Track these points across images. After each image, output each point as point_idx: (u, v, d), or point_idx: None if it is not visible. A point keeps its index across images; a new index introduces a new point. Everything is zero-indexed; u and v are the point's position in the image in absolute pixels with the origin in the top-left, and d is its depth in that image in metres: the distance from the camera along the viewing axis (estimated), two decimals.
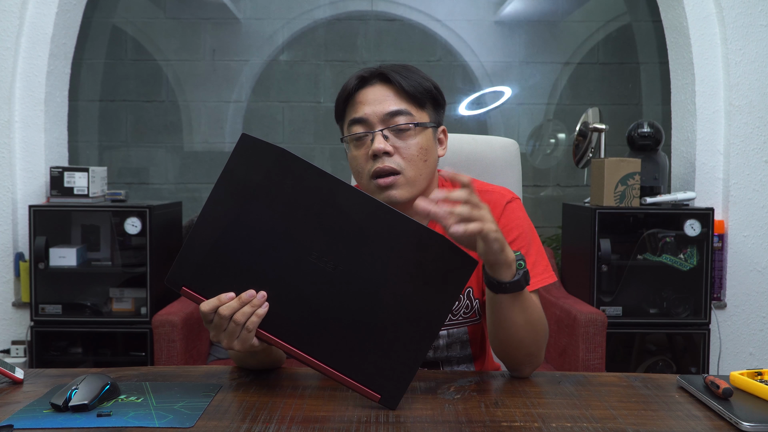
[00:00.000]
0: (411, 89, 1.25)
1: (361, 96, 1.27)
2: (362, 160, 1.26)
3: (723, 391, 1.00)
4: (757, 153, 3.03)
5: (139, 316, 2.86)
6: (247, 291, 0.99)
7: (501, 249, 1.03)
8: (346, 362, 1.00)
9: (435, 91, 1.30)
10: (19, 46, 2.98)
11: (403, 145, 1.24)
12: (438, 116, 1.32)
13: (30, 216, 2.81)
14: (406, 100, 1.26)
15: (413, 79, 1.26)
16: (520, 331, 1.14)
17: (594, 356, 2.48)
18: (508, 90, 3.63)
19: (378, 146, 1.22)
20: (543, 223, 3.57)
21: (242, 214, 0.99)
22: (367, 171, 1.25)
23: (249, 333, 1.00)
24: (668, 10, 3.18)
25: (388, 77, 1.26)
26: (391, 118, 1.24)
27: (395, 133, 1.24)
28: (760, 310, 3.06)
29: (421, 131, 1.26)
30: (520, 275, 1.08)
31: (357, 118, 1.26)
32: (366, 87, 1.27)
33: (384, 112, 1.24)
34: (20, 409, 0.98)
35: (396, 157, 1.24)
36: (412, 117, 1.25)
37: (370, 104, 1.25)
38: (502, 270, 1.07)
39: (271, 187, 0.99)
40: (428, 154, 1.27)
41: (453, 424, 0.94)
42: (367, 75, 1.28)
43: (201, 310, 1.01)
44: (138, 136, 3.55)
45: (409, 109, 1.25)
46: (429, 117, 1.29)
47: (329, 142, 3.56)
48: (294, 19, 3.57)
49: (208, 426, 0.93)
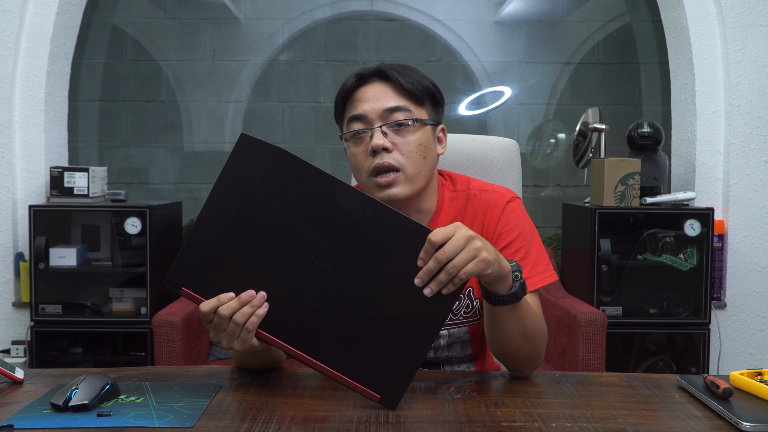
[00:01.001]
0: (409, 86, 1.26)
1: (359, 94, 1.27)
2: (361, 157, 1.25)
3: (723, 391, 1.00)
4: (757, 153, 3.03)
5: (139, 316, 2.86)
6: (247, 291, 0.99)
7: (494, 273, 1.01)
8: (346, 362, 1.00)
9: (433, 89, 1.30)
10: (19, 46, 2.98)
11: (402, 141, 1.24)
12: (437, 115, 1.33)
13: (30, 216, 2.81)
14: (405, 97, 1.26)
15: (411, 77, 1.27)
16: (517, 339, 1.14)
17: (594, 356, 2.48)
18: (508, 90, 3.63)
19: (377, 142, 1.22)
20: (543, 223, 3.57)
21: (242, 214, 0.99)
22: (366, 168, 1.25)
23: (249, 333, 1.00)
24: (668, 10, 3.18)
25: (387, 75, 1.26)
26: (390, 114, 1.25)
27: (394, 130, 1.25)
28: (760, 310, 3.06)
29: (420, 127, 1.26)
30: (517, 287, 1.07)
31: (356, 115, 1.26)
32: (365, 85, 1.28)
33: (383, 108, 1.24)
34: (20, 409, 0.98)
35: (395, 153, 1.24)
36: (411, 113, 1.26)
37: (369, 101, 1.25)
38: (498, 284, 1.05)
39: (270, 187, 0.99)
40: (427, 150, 1.27)
41: (453, 424, 0.94)
42: (366, 73, 1.28)
43: (201, 311, 1.01)
44: (138, 136, 3.55)
45: (407, 105, 1.26)
46: (428, 114, 1.29)
47: (329, 142, 3.56)
48: (294, 19, 3.57)
49: (208, 426, 0.93)
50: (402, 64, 1.30)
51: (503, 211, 1.31)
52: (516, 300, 1.08)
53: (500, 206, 1.31)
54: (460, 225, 0.99)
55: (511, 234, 1.29)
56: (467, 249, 0.97)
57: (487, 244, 1.00)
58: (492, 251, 1.00)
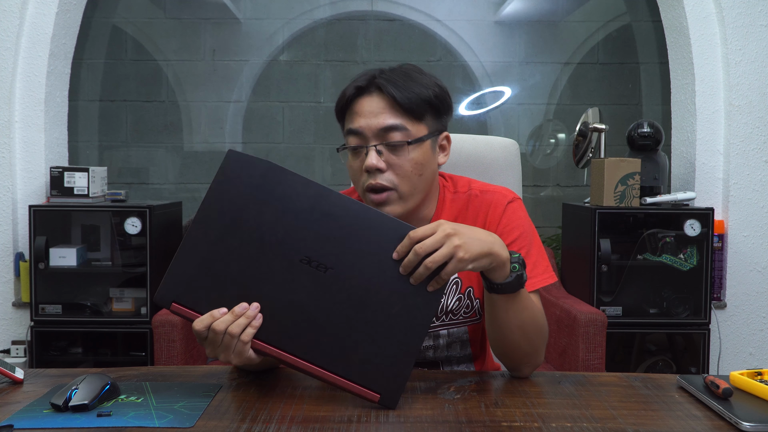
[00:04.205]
0: (407, 102, 1.20)
1: (357, 106, 1.23)
2: (357, 171, 1.24)
3: (723, 391, 1.00)
4: (757, 153, 3.03)
5: (139, 316, 2.86)
6: (240, 305, 1.00)
7: (481, 267, 1.04)
8: (343, 364, 1.01)
9: (435, 100, 1.24)
10: (19, 46, 2.98)
11: (397, 161, 1.21)
12: (440, 123, 1.28)
13: (30, 216, 2.81)
14: (402, 114, 1.21)
15: (411, 89, 1.21)
16: (515, 332, 1.14)
17: (594, 356, 2.48)
18: (508, 90, 3.63)
19: (371, 162, 1.20)
20: (543, 223, 3.57)
21: (232, 225, 1.01)
22: (361, 183, 1.24)
23: (245, 345, 1.00)
24: (668, 10, 3.18)
25: (384, 89, 1.21)
26: (386, 133, 1.20)
27: (389, 149, 1.21)
28: (760, 310, 3.06)
29: (416, 146, 1.22)
30: (512, 277, 1.08)
31: (352, 130, 1.23)
32: (363, 96, 1.23)
33: (378, 127, 1.20)
34: (20, 409, 0.98)
35: (389, 173, 1.21)
36: (407, 132, 1.21)
37: (366, 117, 1.21)
38: (495, 272, 1.07)
39: (258, 198, 1.01)
40: (424, 168, 1.24)
41: (453, 424, 0.94)
42: (364, 85, 1.23)
43: (194, 329, 1.01)
44: (138, 136, 3.55)
45: (404, 123, 1.21)
46: (428, 128, 1.24)
47: (329, 142, 3.56)
48: (294, 19, 3.57)
49: (208, 426, 0.93)
50: (404, 71, 1.24)
51: (504, 212, 1.31)
52: (512, 290, 1.09)
53: (501, 207, 1.31)
54: (443, 222, 1.02)
55: (512, 235, 1.29)
56: (446, 245, 1.00)
57: (474, 238, 1.03)
58: (476, 247, 1.02)
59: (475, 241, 1.03)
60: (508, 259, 1.07)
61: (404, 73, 1.24)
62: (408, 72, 1.24)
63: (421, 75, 1.25)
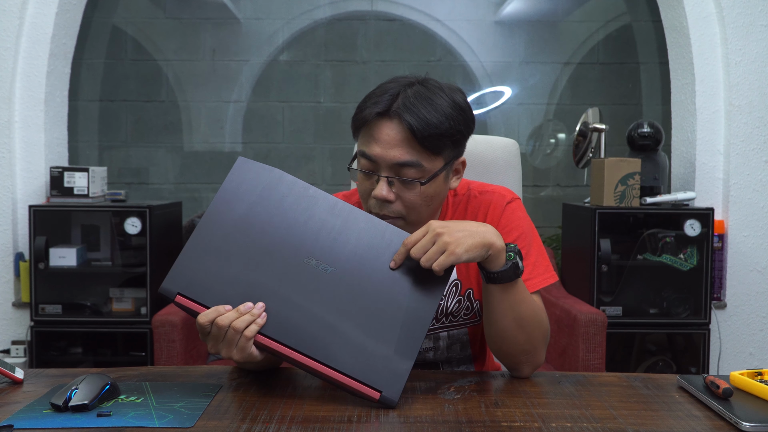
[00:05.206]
0: (425, 136, 1.14)
1: (375, 130, 1.18)
2: (366, 192, 1.22)
3: (723, 391, 1.00)
4: (757, 153, 3.03)
5: (139, 316, 2.86)
6: (245, 304, 1.02)
7: (473, 258, 1.06)
8: (343, 361, 1.01)
9: (456, 131, 1.18)
10: (19, 46, 2.98)
11: (407, 195, 1.19)
12: (458, 150, 1.23)
13: (30, 216, 2.81)
14: (419, 149, 1.16)
15: (431, 122, 1.14)
16: (511, 326, 1.15)
17: (594, 356, 2.48)
18: (508, 90, 3.63)
19: (380, 193, 1.18)
20: (543, 223, 3.57)
21: (240, 223, 1.07)
22: (369, 205, 1.22)
23: (248, 341, 1.01)
24: (668, 10, 3.18)
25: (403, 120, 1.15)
26: (400, 168, 1.17)
27: (401, 182, 1.18)
28: (760, 310, 3.06)
29: (429, 182, 1.19)
30: (508, 266, 1.09)
31: (366, 154, 1.19)
32: (382, 120, 1.17)
33: (393, 161, 1.16)
34: (20, 409, 0.98)
35: (397, 204, 1.19)
36: (422, 169, 1.17)
37: (382, 145, 1.16)
38: (490, 261, 1.09)
39: (266, 199, 1.08)
40: (434, 199, 1.22)
41: (453, 424, 0.94)
42: (383, 111, 1.17)
43: (198, 323, 1.02)
44: (138, 136, 3.55)
45: (420, 159, 1.16)
46: (445, 159, 1.20)
47: (329, 142, 3.56)
48: (294, 19, 3.57)
49: (208, 426, 0.93)
50: (427, 97, 1.16)
51: (503, 212, 1.31)
52: (508, 279, 1.10)
53: (500, 207, 1.31)
54: (432, 222, 1.07)
55: (511, 235, 1.29)
56: (437, 244, 1.04)
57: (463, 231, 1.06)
58: (467, 240, 1.05)
59: (464, 233, 1.05)
60: (504, 248, 1.09)
61: (426, 99, 1.16)
62: (430, 98, 1.17)
63: (444, 97, 1.18)
